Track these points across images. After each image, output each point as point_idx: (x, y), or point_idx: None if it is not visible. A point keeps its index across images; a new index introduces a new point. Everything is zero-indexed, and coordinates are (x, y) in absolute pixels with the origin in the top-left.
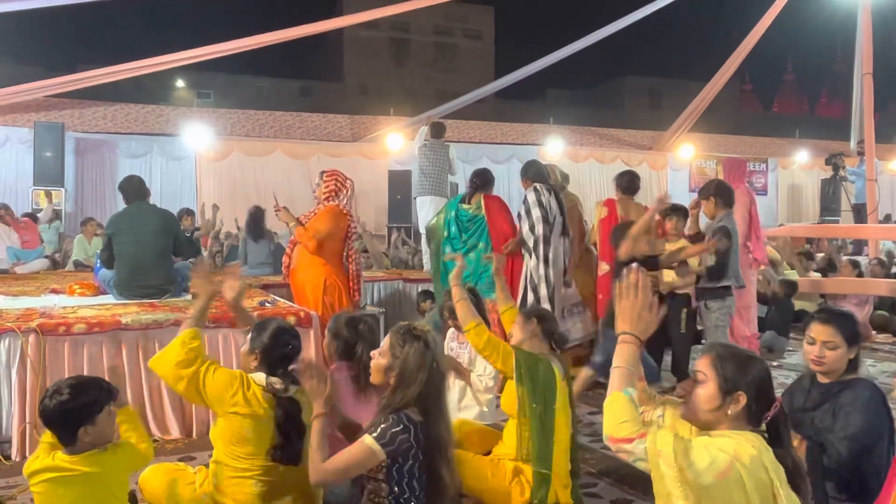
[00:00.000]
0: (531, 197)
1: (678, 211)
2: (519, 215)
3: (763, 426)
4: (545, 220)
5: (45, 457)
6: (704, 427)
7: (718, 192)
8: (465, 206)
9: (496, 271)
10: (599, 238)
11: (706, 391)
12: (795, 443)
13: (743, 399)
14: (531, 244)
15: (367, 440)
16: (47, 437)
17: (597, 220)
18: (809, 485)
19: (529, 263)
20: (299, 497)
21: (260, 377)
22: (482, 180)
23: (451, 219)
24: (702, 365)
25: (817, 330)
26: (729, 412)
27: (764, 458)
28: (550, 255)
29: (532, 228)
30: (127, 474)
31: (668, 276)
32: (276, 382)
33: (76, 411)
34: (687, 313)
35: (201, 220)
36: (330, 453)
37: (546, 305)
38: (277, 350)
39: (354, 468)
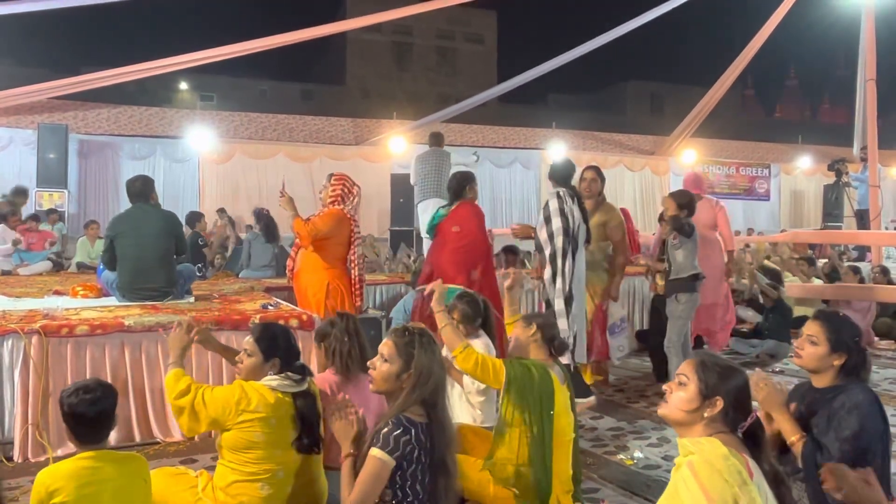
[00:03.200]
0: (553, 204)
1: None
2: (540, 221)
3: (740, 435)
4: (566, 231)
5: (64, 465)
6: (680, 426)
7: (674, 197)
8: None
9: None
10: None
11: (687, 393)
12: (794, 438)
13: (720, 404)
14: (547, 254)
15: (374, 452)
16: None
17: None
18: (793, 489)
19: (544, 274)
20: (304, 491)
21: (270, 381)
22: (457, 187)
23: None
24: (685, 368)
25: (808, 325)
26: (706, 415)
27: (718, 464)
28: (567, 269)
29: (551, 238)
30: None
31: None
32: (294, 376)
33: (112, 409)
34: None
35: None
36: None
37: (561, 321)
38: (291, 347)
39: (375, 485)
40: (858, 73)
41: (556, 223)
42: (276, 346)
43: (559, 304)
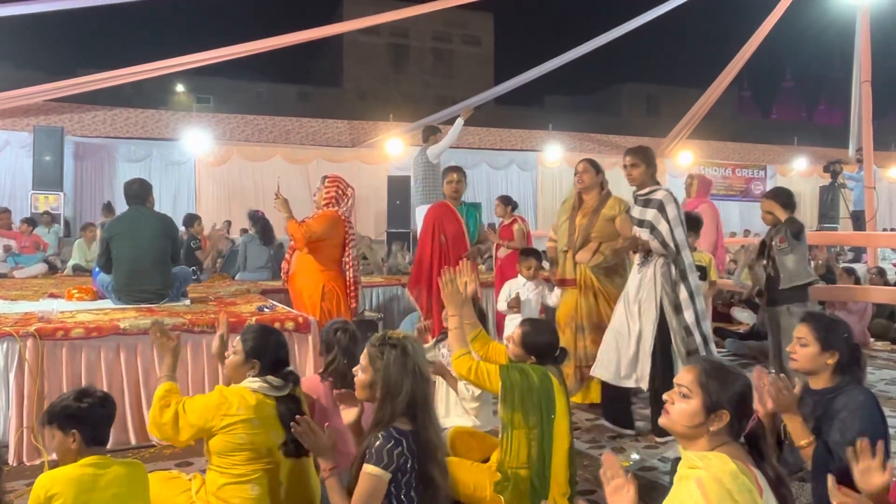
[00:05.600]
0: (672, 210)
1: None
2: (650, 226)
3: (742, 440)
4: (686, 243)
5: (65, 470)
6: (682, 439)
7: (777, 197)
8: None
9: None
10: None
11: (690, 407)
12: (804, 442)
13: (726, 417)
14: (676, 274)
15: (369, 469)
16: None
17: None
18: (800, 486)
19: (678, 296)
20: (296, 492)
21: (251, 383)
22: (439, 190)
23: None
24: (686, 380)
25: (797, 328)
26: (711, 429)
27: (728, 483)
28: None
29: (680, 250)
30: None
31: None
32: (275, 381)
33: (113, 412)
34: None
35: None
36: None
37: (712, 347)
38: (277, 354)
39: (373, 501)
40: (854, 74)
41: (680, 234)
42: (259, 349)
43: (707, 328)
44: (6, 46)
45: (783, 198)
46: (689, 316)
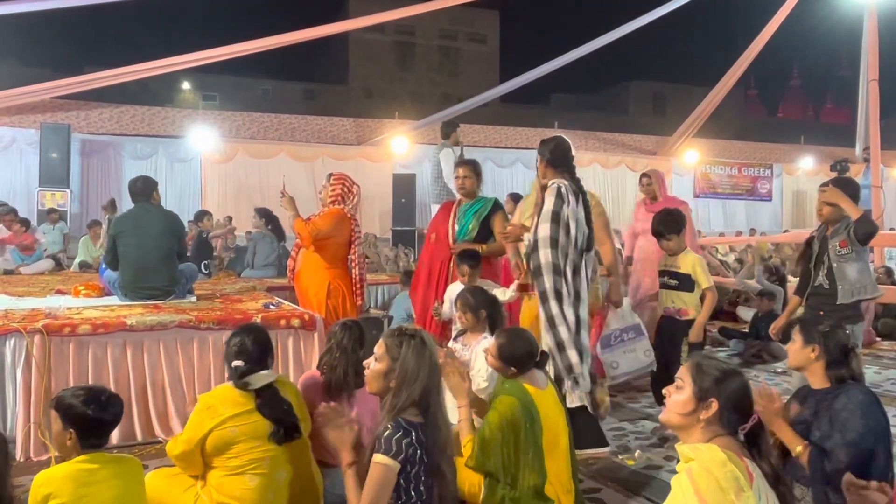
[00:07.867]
0: (548, 204)
1: (673, 225)
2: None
3: (741, 436)
4: (553, 242)
5: (61, 468)
6: (680, 430)
7: (846, 187)
8: None
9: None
10: None
11: (682, 396)
12: (800, 448)
13: (715, 405)
14: (543, 272)
15: (378, 458)
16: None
17: None
18: (795, 488)
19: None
20: (297, 483)
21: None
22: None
23: None
24: (682, 373)
25: None
26: (701, 417)
27: (716, 471)
28: (571, 290)
29: (535, 249)
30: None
31: (668, 299)
32: (238, 383)
33: (119, 416)
34: (691, 345)
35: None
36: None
37: (570, 353)
38: (259, 355)
39: (382, 492)
40: (861, 73)
41: (544, 230)
42: (247, 348)
43: (565, 334)
44: (13, 44)
45: (851, 189)
46: (548, 319)
